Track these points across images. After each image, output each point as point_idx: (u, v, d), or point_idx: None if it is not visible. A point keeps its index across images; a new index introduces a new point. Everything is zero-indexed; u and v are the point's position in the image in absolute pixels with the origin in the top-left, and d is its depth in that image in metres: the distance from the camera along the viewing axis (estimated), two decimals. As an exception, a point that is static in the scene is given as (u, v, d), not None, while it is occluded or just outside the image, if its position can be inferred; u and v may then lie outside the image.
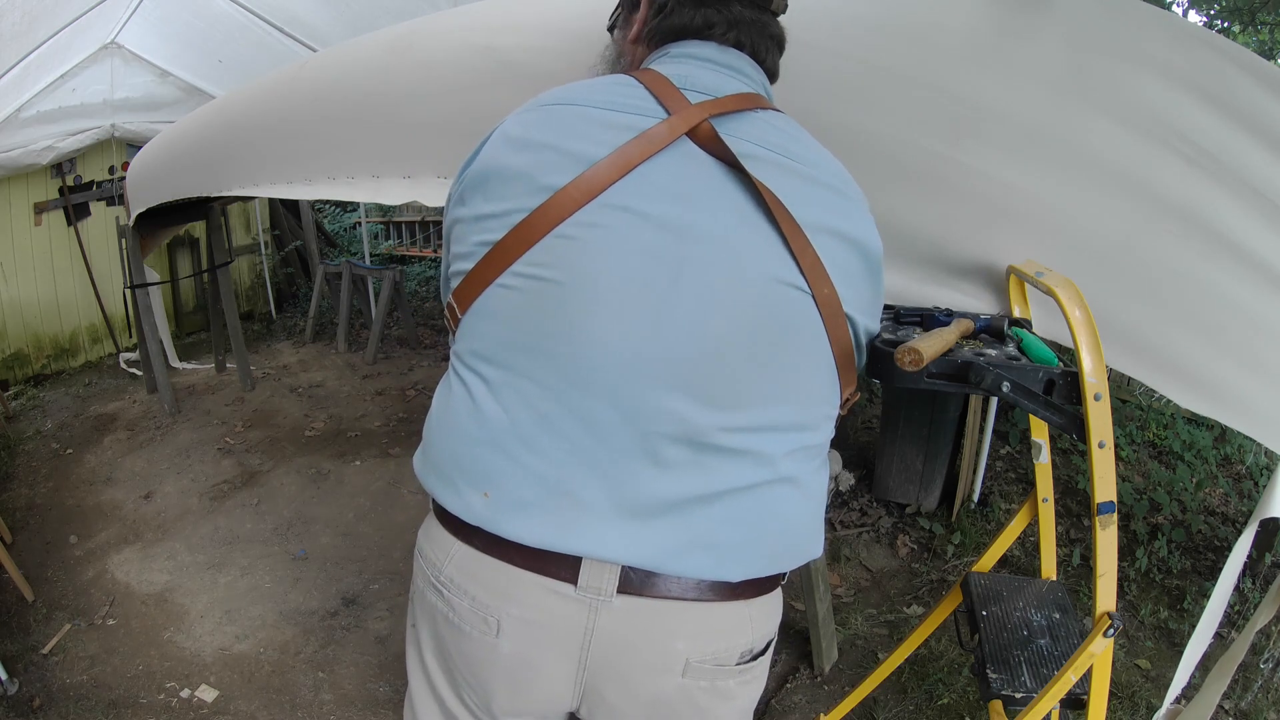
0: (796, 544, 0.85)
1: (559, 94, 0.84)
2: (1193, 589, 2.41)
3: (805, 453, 0.83)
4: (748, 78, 0.88)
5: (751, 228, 0.77)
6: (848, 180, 0.86)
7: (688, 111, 0.80)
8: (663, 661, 0.81)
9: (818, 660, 2.10)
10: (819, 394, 0.83)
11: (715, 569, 0.78)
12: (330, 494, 3.05)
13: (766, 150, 0.80)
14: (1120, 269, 1.10)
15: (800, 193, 0.79)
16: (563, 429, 0.76)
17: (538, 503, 0.76)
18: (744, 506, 0.79)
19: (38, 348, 4.20)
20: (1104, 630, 0.98)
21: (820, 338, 0.81)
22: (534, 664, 0.82)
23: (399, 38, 1.66)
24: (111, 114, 4.05)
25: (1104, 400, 0.88)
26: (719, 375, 0.76)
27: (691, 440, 0.76)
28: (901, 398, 2.76)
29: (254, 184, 2.17)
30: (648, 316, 0.75)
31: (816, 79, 1.15)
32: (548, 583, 0.78)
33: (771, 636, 0.90)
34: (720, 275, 0.76)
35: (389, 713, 1.98)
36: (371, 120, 1.68)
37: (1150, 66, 1.03)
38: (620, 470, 0.76)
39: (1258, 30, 4.29)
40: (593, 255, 0.76)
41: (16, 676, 2.05)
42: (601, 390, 0.75)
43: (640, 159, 0.77)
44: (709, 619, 0.81)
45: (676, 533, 0.76)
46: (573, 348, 0.76)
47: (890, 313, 1.08)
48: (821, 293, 0.79)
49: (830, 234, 0.80)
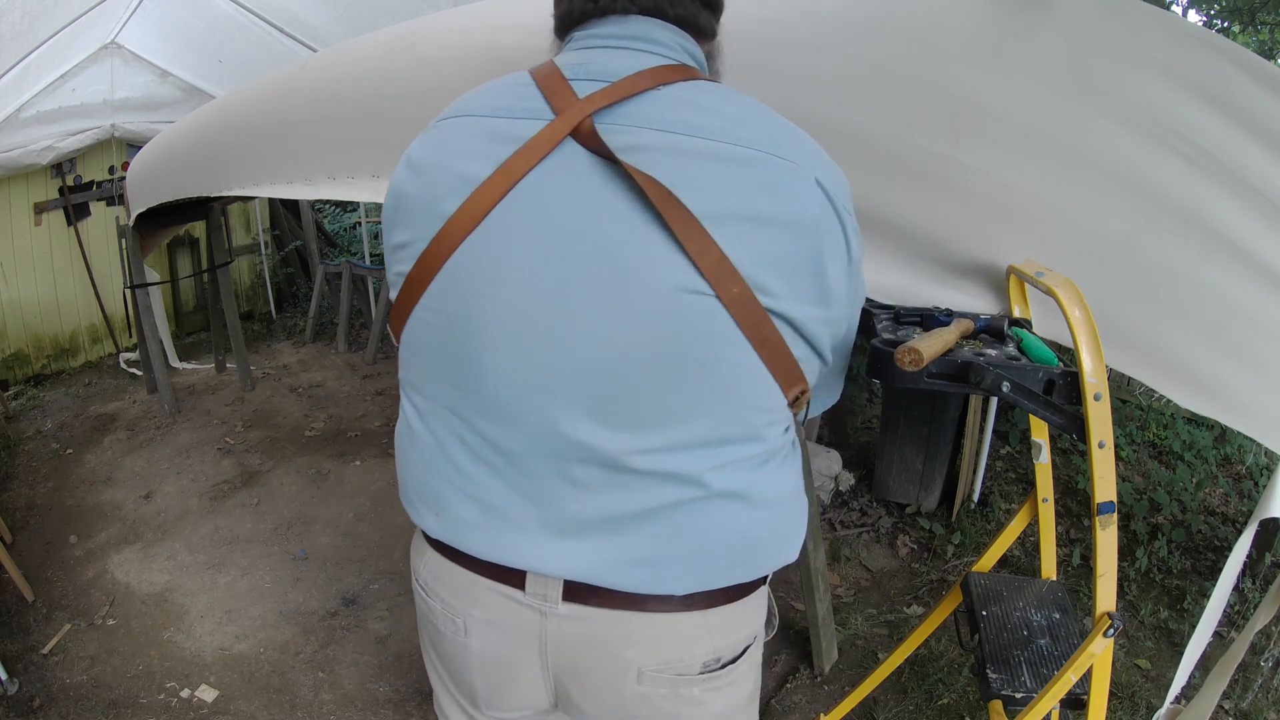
0: (751, 555, 0.81)
1: (457, 105, 0.80)
2: (1193, 589, 2.41)
3: (746, 464, 0.77)
4: (662, 46, 0.78)
5: (641, 233, 0.70)
6: (784, 143, 0.73)
7: (572, 109, 0.72)
8: (615, 669, 0.82)
9: (818, 660, 2.10)
10: (748, 403, 0.75)
11: (654, 584, 0.77)
12: (330, 494, 3.05)
13: (666, 133, 0.71)
14: (1120, 269, 1.10)
15: (706, 178, 0.70)
16: (484, 456, 0.78)
17: (477, 523, 0.80)
18: (676, 523, 0.75)
19: (38, 348, 4.20)
20: (1104, 630, 0.98)
21: (737, 343, 0.72)
22: (503, 662, 0.86)
23: (399, 38, 1.66)
24: (111, 114, 4.04)
25: (1104, 400, 0.88)
26: (620, 399, 0.72)
27: (603, 463, 0.74)
28: (901, 398, 2.76)
29: (254, 184, 2.17)
30: (539, 345, 0.73)
31: (817, 79, 1.15)
32: (501, 588, 0.82)
33: (746, 643, 0.87)
34: (608, 293, 0.70)
35: (389, 713, 1.98)
36: (372, 120, 1.68)
37: (1150, 66, 1.03)
38: (542, 494, 0.76)
39: (1258, 30, 4.29)
40: (481, 286, 0.73)
41: (16, 676, 2.05)
42: (508, 420, 0.76)
43: (523, 172, 0.72)
44: (658, 629, 0.80)
45: (610, 549, 0.76)
46: (475, 381, 0.76)
47: (890, 313, 1.08)
48: (729, 293, 0.70)
49: (746, 220, 0.70)
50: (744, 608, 0.85)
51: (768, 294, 0.71)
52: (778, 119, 0.76)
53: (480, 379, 0.75)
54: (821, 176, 0.73)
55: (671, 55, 0.78)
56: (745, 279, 0.70)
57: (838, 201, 0.74)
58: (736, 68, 1.17)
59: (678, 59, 0.78)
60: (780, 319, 0.73)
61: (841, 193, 0.76)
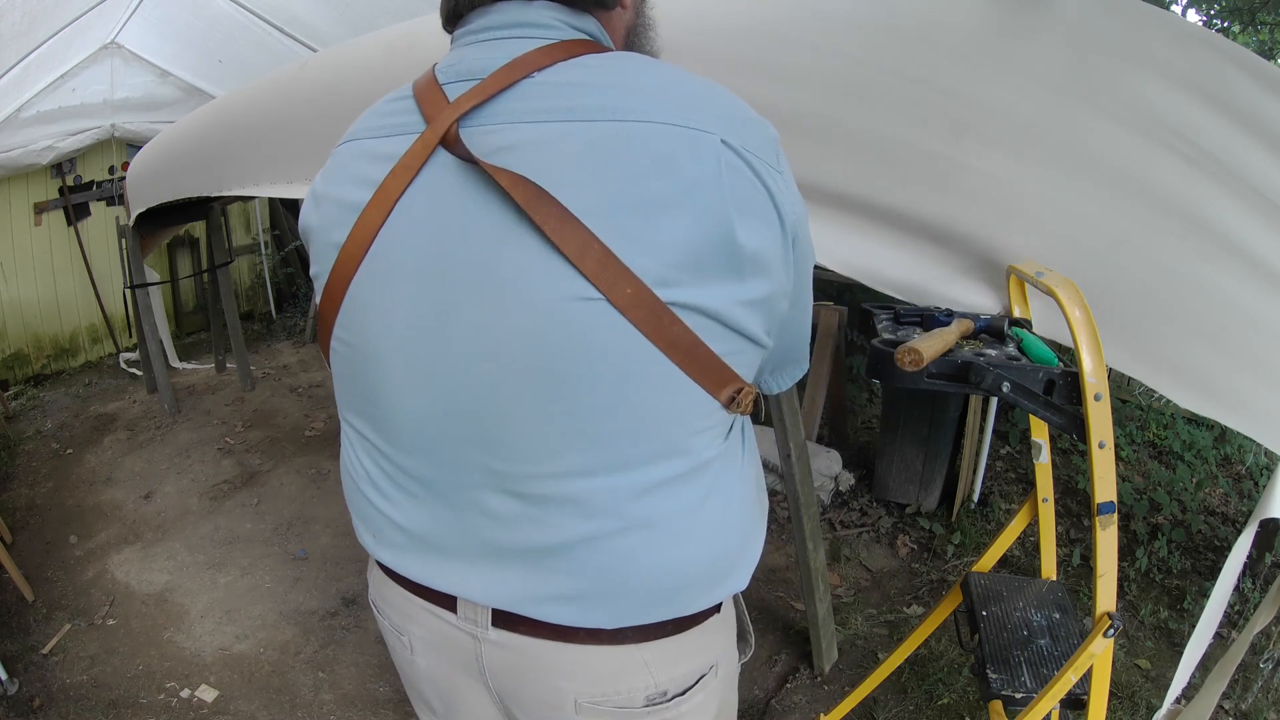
0: (687, 589, 0.74)
1: (349, 130, 0.78)
2: (1193, 589, 2.41)
3: (670, 485, 0.70)
4: (537, 28, 0.71)
5: (516, 243, 0.64)
6: (682, 107, 0.65)
7: (441, 116, 0.68)
8: (552, 698, 0.78)
9: (818, 660, 2.10)
10: (664, 414, 0.67)
11: (579, 617, 0.72)
12: (330, 494, 3.05)
13: (539, 124, 0.65)
14: (1121, 269, 1.10)
15: (585, 167, 0.63)
16: (403, 484, 0.76)
17: (406, 547, 0.78)
18: (595, 558, 0.70)
19: (38, 348, 4.20)
20: (1104, 630, 0.98)
21: (641, 348, 0.64)
22: (449, 681, 0.84)
23: (399, 38, 1.66)
24: (111, 114, 4.04)
25: (1104, 400, 0.88)
26: (516, 424, 0.67)
27: (513, 493, 0.70)
28: (901, 398, 2.76)
29: (254, 184, 2.17)
30: (429, 376, 0.69)
31: (817, 79, 1.15)
32: (435, 609, 0.80)
33: (699, 674, 0.80)
34: (486, 314, 0.65)
35: (389, 713, 1.98)
36: (371, 120, 1.68)
37: (1150, 66, 1.03)
38: (461, 522, 0.74)
39: (1258, 30, 4.29)
40: (374, 317, 0.71)
41: (16, 676, 2.05)
42: (415, 450, 0.73)
43: (399, 192, 0.68)
44: (590, 662, 0.75)
45: (531, 582, 0.72)
46: (382, 411, 0.74)
47: (890, 313, 1.08)
48: (622, 294, 0.62)
49: (635, 207, 0.63)
50: (690, 640, 0.78)
51: (669, 286, 0.63)
52: (682, 81, 0.68)
53: (384, 410, 0.74)
54: (729, 136, 0.65)
55: (549, 34, 0.71)
56: (638, 275, 0.62)
57: (754, 161, 0.65)
58: (737, 68, 1.17)
59: (560, 37, 0.71)
60: (691, 311, 0.64)
61: (762, 150, 0.67)
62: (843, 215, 1.18)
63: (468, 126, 0.67)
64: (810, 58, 1.15)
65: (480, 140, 0.66)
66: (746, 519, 0.78)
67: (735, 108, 0.68)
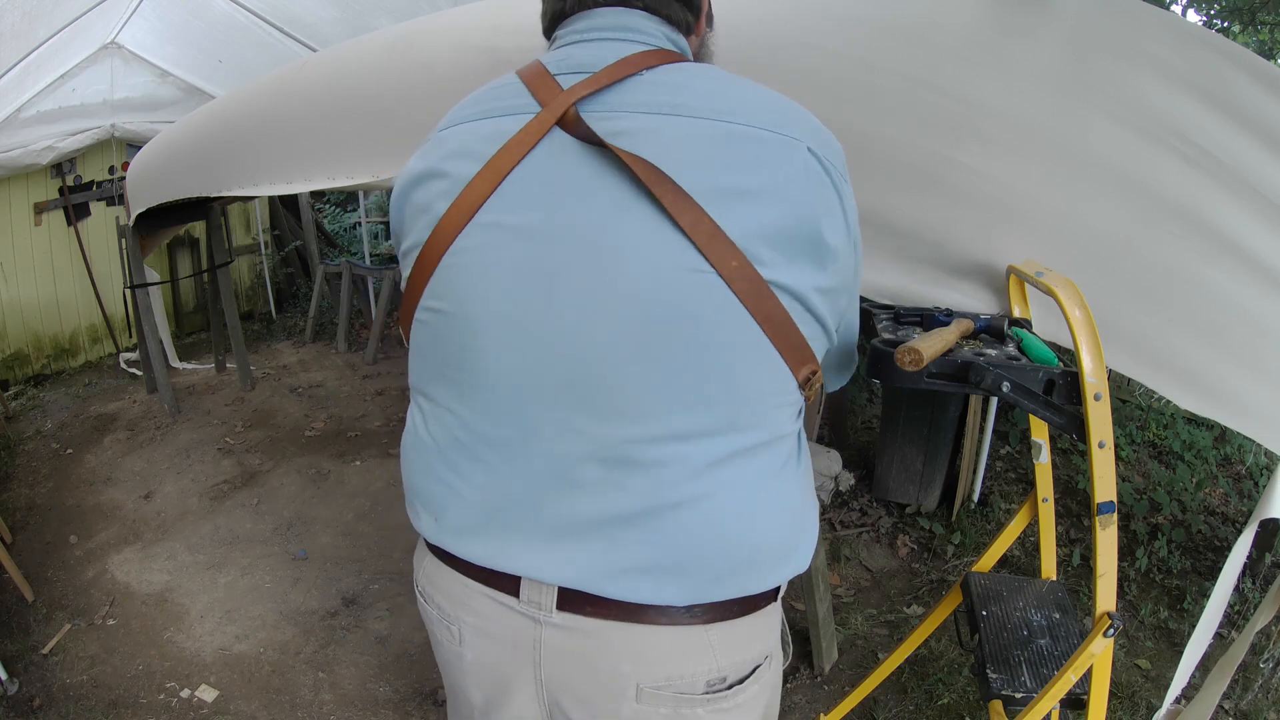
0: (758, 562, 0.76)
1: (448, 116, 0.82)
2: (1193, 589, 2.41)
3: (752, 454, 0.74)
4: (640, 33, 0.79)
5: (632, 214, 0.69)
6: (773, 116, 0.73)
7: (557, 100, 0.73)
8: (613, 684, 0.78)
9: (818, 660, 2.10)
10: (754, 385, 0.73)
11: (654, 593, 0.74)
12: (330, 494, 3.05)
13: (651, 114, 0.71)
14: (1120, 269, 1.10)
15: (694, 154, 0.70)
16: (481, 455, 0.77)
17: (474, 526, 0.79)
18: (677, 523, 0.72)
19: (38, 348, 4.20)
20: (1104, 630, 0.98)
21: (741, 319, 0.70)
22: (497, 674, 0.84)
23: (399, 38, 1.66)
24: (111, 114, 4.04)
25: (1104, 400, 0.88)
26: (614, 386, 0.71)
27: (600, 458, 0.72)
28: (901, 398, 2.76)
29: (254, 184, 2.17)
30: (530, 336, 0.72)
31: (817, 79, 1.15)
32: (495, 594, 0.80)
33: (756, 663, 0.82)
34: (597, 278, 0.70)
35: (389, 712, 1.98)
36: (371, 120, 1.68)
37: (1150, 66, 1.03)
38: (538, 493, 0.75)
39: (1258, 30, 4.28)
40: (473, 281, 0.74)
41: (16, 676, 2.05)
42: (503, 416, 0.75)
43: (510, 165, 0.72)
44: (658, 643, 0.76)
45: (607, 555, 0.74)
46: (471, 376, 0.76)
47: (890, 313, 1.08)
48: (729, 266, 0.68)
49: (736, 194, 0.69)
50: (753, 623, 0.80)
51: (765, 265, 0.70)
52: (766, 93, 0.75)
53: (475, 373, 0.75)
54: (815, 145, 0.72)
55: (651, 41, 0.79)
56: (742, 251, 0.69)
57: (832, 169, 0.73)
58: (739, 68, 1.17)
59: (658, 44, 0.79)
60: (783, 291, 0.71)
61: (837, 161, 0.75)
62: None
63: (586, 111, 0.73)
64: (808, 57, 1.15)
65: (595, 125, 0.71)
66: (808, 498, 0.83)
67: (816, 122, 0.76)
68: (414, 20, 1.74)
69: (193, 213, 3.57)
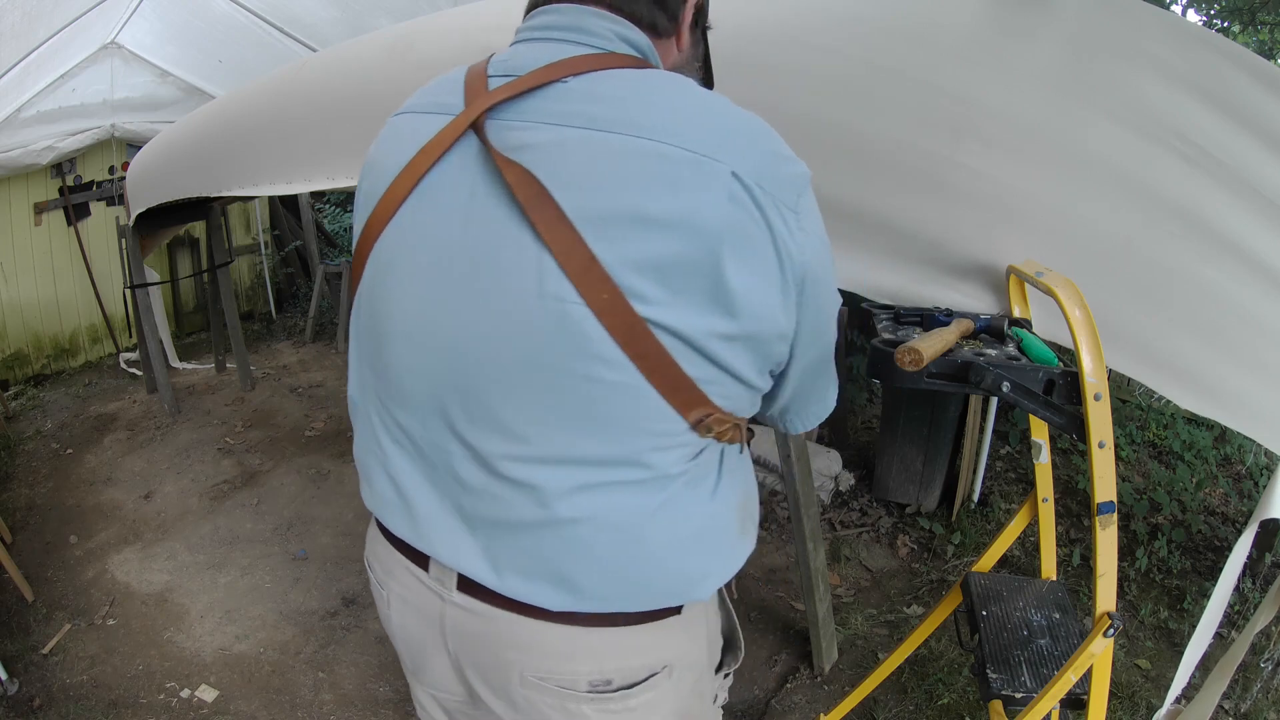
0: (636, 589, 0.76)
1: (407, 101, 0.82)
2: (1193, 589, 2.41)
3: (625, 489, 0.71)
4: (590, 35, 0.74)
5: (516, 235, 0.67)
6: (700, 135, 0.66)
7: (476, 103, 0.71)
8: (500, 668, 0.81)
9: (818, 660, 2.10)
10: (626, 422, 0.69)
11: (529, 594, 0.75)
12: (330, 494, 3.05)
13: (559, 127, 0.68)
14: (1120, 269, 1.10)
15: (590, 174, 0.66)
16: (398, 439, 0.80)
17: (392, 503, 0.82)
18: (545, 544, 0.73)
19: (38, 348, 4.20)
20: (1104, 630, 0.98)
21: (612, 354, 0.66)
22: (416, 639, 0.87)
23: (399, 38, 1.66)
24: (111, 114, 4.04)
25: (1104, 400, 0.88)
26: (488, 403, 0.71)
27: (481, 465, 0.73)
28: (901, 398, 2.76)
29: (253, 184, 2.17)
30: (427, 343, 0.73)
31: (817, 80, 1.15)
32: (411, 567, 0.84)
33: (650, 671, 0.80)
34: (480, 295, 0.69)
35: (389, 712, 1.98)
36: (371, 120, 1.68)
37: (1150, 66, 1.03)
38: (440, 485, 0.78)
39: (1258, 30, 4.28)
40: (388, 282, 0.76)
41: (16, 676, 2.05)
42: (410, 409, 0.77)
43: (425, 168, 0.72)
44: (539, 637, 0.78)
45: (490, 553, 0.76)
46: (386, 365, 0.78)
47: (890, 313, 1.08)
48: (599, 300, 0.65)
49: (628, 220, 0.64)
50: (641, 634, 0.79)
51: (647, 302, 0.65)
52: (712, 109, 0.69)
53: (388, 364, 0.78)
54: (744, 171, 0.65)
55: (600, 44, 0.74)
56: (618, 284, 0.64)
57: (763, 197, 0.66)
58: (738, 68, 1.17)
59: (609, 48, 0.74)
60: (663, 330, 0.66)
61: (777, 188, 0.67)
62: (838, 223, 1.18)
63: (497, 119, 0.71)
64: (807, 58, 1.16)
65: (504, 134, 0.70)
66: (711, 535, 0.78)
67: (762, 143, 0.69)
68: (414, 20, 1.74)
69: (193, 213, 3.57)
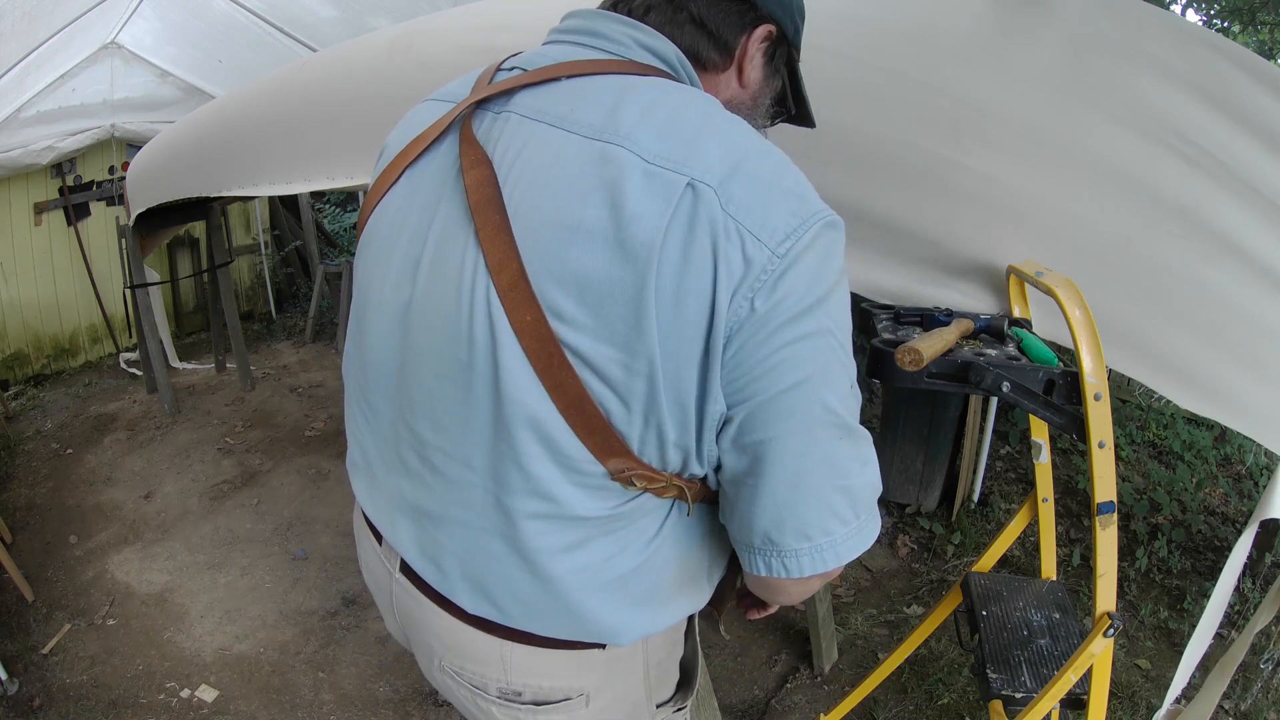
0: (542, 618, 0.72)
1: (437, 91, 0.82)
2: (1193, 589, 2.41)
3: (536, 521, 0.68)
4: (607, 40, 0.70)
5: (464, 236, 0.65)
6: (668, 143, 0.59)
7: (473, 96, 0.71)
8: (426, 650, 0.84)
9: (818, 660, 2.10)
10: (537, 453, 0.65)
11: (446, 589, 0.75)
12: (330, 494, 3.05)
13: (538, 123, 0.65)
14: (1120, 269, 1.10)
15: (549, 178, 0.61)
16: (368, 417, 0.81)
17: (360, 467, 0.85)
18: (460, 544, 0.72)
19: (38, 348, 4.20)
20: (1104, 630, 0.98)
21: (529, 380, 0.62)
22: (379, 600, 0.91)
23: (399, 38, 1.66)
24: (111, 114, 4.04)
25: (1104, 400, 0.88)
26: (425, 393, 0.70)
27: (415, 451, 0.74)
28: (901, 398, 2.76)
29: (254, 184, 2.17)
30: (391, 328, 0.73)
31: (816, 80, 1.15)
32: (371, 538, 0.88)
33: (565, 695, 0.78)
34: (428, 287, 0.68)
35: (389, 713, 1.98)
36: (371, 120, 1.68)
37: (1150, 66, 1.03)
38: (387, 462, 0.79)
39: (1258, 30, 4.28)
40: (370, 263, 0.77)
41: (16, 676, 2.05)
42: (379, 391, 0.78)
43: (415, 154, 0.73)
44: (456, 635, 0.78)
45: (417, 537, 0.77)
46: (361, 338, 0.79)
47: (890, 313, 1.08)
48: (522, 320, 0.60)
49: (563, 227, 0.59)
50: (556, 659, 0.76)
51: (562, 320, 0.60)
52: (707, 124, 0.62)
53: (363, 339, 0.79)
54: (711, 184, 0.57)
55: (617, 50, 0.69)
56: (541, 301, 0.60)
57: (723, 221, 0.57)
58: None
59: (627, 55, 0.69)
60: (580, 360, 0.60)
61: (754, 219, 0.58)
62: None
63: (487, 110, 0.71)
64: (809, 58, 1.15)
65: (488, 126, 0.69)
66: (631, 592, 0.72)
67: (755, 166, 0.60)
68: (414, 20, 1.74)
69: (193, 213, 3.57)
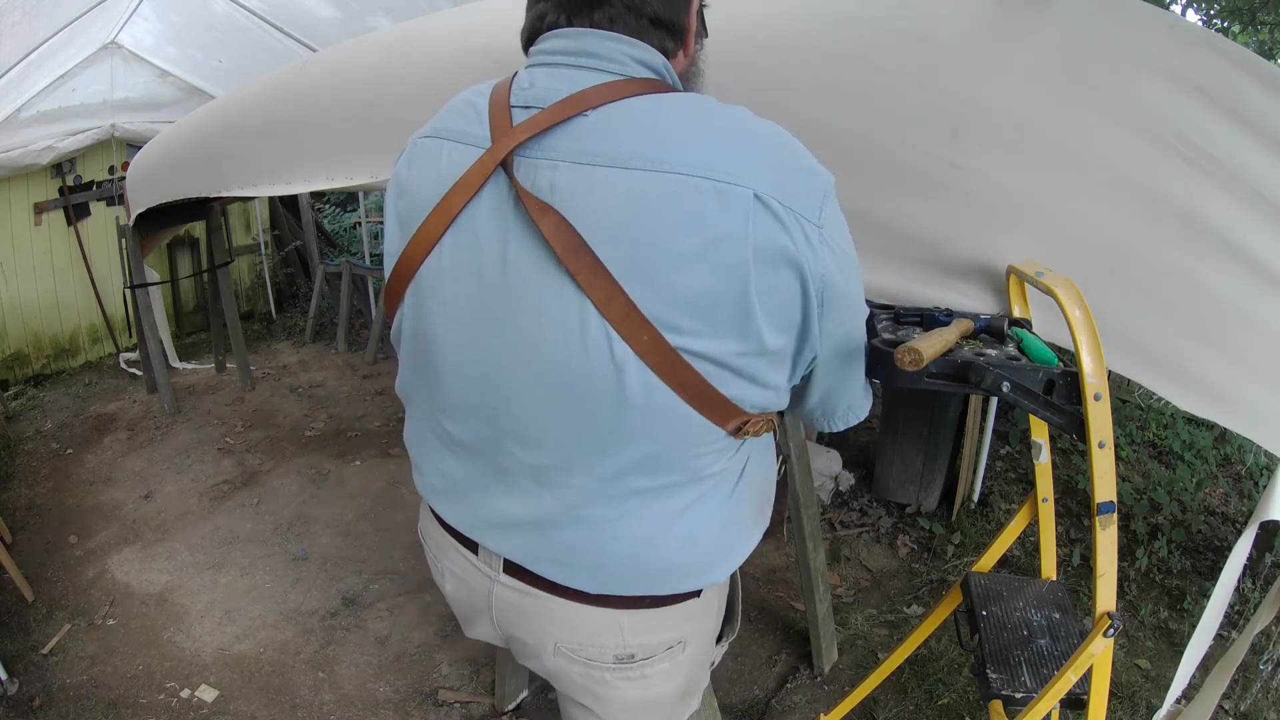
0: (659, 578, 0.86)
1: (431, 122, 0.84)
2: (1193, 589, 2.41)
3: (651, 494, 0.80)
4: (604, 60, 0.75)
5: (554, 279, 0.71)
6: (719, 158, 0.68)
7: (502, 141, 0.73)
8: (537, 638, 0.93)
9: (818, 660, 2.10)
10: (670, 438, 0.77)
11: (568, 579, 0.86)
12: (330, 494, 3.05)
13: (585, 165, 0.70)
14: (1120, 269, 1.10)
15: (620, 219, 0.69)
16: (449, 447, 0.89)
17: (444, 492, 0.92)
18: (582, 539, 0.83)
19: (38, 348, 4.20)
20: (1104, 630, 0.98)
21: (655, 387, 0.72)
22: (466, 606, 1.00)
23: (399, 38, 1.66)
24: (111, 114, 4.04)
25: (1104, 400, 0.87)
26: (531, 423, 0.78)
27: (526, 473, 0.82)
28: (901, 398, 2.76)
29: (254, 184, 2.17)
30: (474, 368, 0.80)
31: (816, 80, 1.15)
32: (461, 549, 0.95)
33: (668, 645, 0.92)
34: (522, 332, 0.75)
35: (389, 713, 1.99)
36: (371, 121, 1.68)
37: (1150, 66, 1.03)
38: (487, 486, 0.87)
39: (1258, 30, 4.28)
40: (434, 307, 0.81)
41: (16, 676, 2.05)
42: (461, 423, 0.85)
43: (460, 205, 0.76)
44: (572, 616, 0.89)
45: (534, 545, 0.86)
46: (435, 384, 0.85)
47: (890, 313, 1.08)
48: (640, 342, 0.70)
49: (663, 262, 0.68)
50: (665, 615, 0.90)
51: (684, 334, 0.70)
52: (729, 128, 0.72)
53: (438, 383, 0.85)
54: (764, 189, 0.68)
55: (615, 69, 0.75)
56: (654, 322, 0.70)
57: (785, 214, 0.69)
58: (736, 71, 1.17)
59: (625, 73, 0.75)
60: (699, 358, 0.72)
61: (800, 202, 0.70)
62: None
63: (524, 156, 0.73)
64: (801, 57, 1.15)
65: (532, 174, 0.73)
66: (731, 526, 0.88)
67: (780, 156, 0.72)
68: (414, 21, 1.74)
69: (193, 213, 3.57)
